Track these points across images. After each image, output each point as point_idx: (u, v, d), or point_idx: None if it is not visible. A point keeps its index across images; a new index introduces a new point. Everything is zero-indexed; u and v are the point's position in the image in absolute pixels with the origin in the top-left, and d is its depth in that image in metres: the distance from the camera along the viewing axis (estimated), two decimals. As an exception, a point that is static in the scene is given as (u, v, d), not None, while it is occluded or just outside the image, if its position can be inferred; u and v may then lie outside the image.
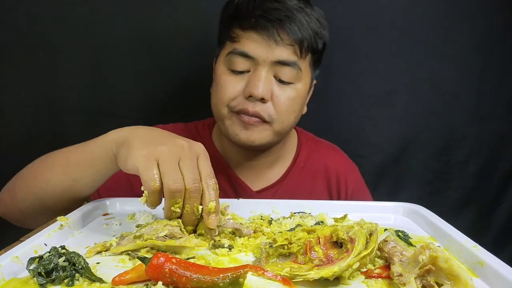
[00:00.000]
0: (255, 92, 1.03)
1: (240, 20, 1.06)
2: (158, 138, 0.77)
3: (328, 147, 1.35)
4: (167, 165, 0.72)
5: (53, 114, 1.43)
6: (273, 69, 1.06)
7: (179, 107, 1.49)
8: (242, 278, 0.54)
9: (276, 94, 1.07)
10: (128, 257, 0.66)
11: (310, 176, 1.27)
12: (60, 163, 0.91)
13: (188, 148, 0.75)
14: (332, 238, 0.63)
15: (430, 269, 0.54)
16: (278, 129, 1.11)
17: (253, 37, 1.04)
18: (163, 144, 0.74)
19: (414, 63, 1.57)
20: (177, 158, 0.73)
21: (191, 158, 0.74)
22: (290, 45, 1.05)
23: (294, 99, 1.10)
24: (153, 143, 0.74)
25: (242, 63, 1.06)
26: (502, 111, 1.64)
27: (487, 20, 1.56)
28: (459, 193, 1.68)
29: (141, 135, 0.78)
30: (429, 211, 0.89)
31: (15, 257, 0.62)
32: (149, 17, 1.43)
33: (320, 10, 1.13)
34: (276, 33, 1.03)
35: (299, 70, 1.08)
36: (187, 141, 0.77)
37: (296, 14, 1.05)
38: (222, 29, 1.14)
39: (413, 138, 1.62)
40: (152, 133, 0.80)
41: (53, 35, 1.40)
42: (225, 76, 1.09)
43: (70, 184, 0.89)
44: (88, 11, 1.40)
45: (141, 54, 1.45)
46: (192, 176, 0.72)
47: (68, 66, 1.42)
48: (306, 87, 1.14)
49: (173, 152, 0.73)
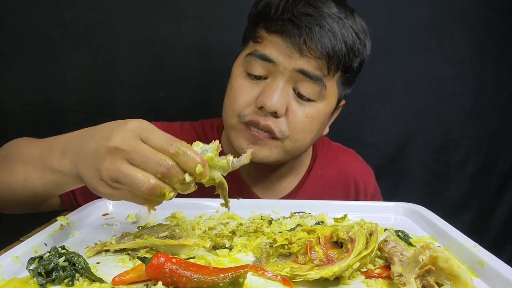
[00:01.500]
0: (268, 103, 0.92)
1: (267, 21, 0.96)
2: (96, 153, 0.64)
3: (345, 152, 1.27)
4: (122, 177, 0.61)
5: (53, 114, 1.43)
6: (293, 80, 0.95)
7: (179, 107, 1.49)
8: (242, 278, 0.55)
9: (292, 109, 0.96)
10: (128, 257, 0.66)
11: (328, 184, 1.18)
12: (19, 171, 0.82)
13: (121, 143, 0.62)
14: (332, 238, 0.63)
15: (430, 269, 0.54)
16: (289, 148, 1.00)
17: (277, 42, 0.94)
18: (102, 159, 0.63)
19: (412, 64, 1.57)
20: (123, 163, 0.62)
21: (134, 148, 0.62)
22: (317, 57, 0.93)
23: (312, 118, 0.98)
24: (96, 165, 0.64)
25: (261, 68, 0.96)
26: (500, 111, 1.65)
27: (484, 20, 1.57)
28: (458, 193, 1.68)
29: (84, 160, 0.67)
30: (429, 211, 0.89)
31: (15, 257, 0.62)
32: (149, 17, 1.43)
33: (363, 24, 1.01)
34: (303, 42, 0.92)
35: (323, 88, 0.96)
36: (115, 137, 0.63)
37: (330, 23, 0.93)
38: (248, 26, 1.04)
39: (412, 138, 1.63)
40: (89, 149, 0.67)
41: (53, 35, 1.40)
42: (241, 80, 0.99)
43: (31, 195, 0.83)
44: (88, 11, 1.40)
45: (141, 54, 1.45)
46: (152, 162, 0.61)
47: (68, 66, 1.42)
48: (329, 107, 1.01)
49: (115, 161, 0.62)
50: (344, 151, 1.28)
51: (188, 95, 1.48)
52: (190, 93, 1.48)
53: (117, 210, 0.93)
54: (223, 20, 1.45)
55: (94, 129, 0.72)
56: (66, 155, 0.73)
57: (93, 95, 1.46)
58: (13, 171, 0.83)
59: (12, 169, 0.83)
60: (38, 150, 0.82)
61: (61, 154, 0.74)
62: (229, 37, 1.42)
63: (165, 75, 1.48)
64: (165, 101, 1.49)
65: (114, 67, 1.45)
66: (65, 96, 1.44)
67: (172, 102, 1.49)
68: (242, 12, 1.10)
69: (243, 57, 1.00)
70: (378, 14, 1.50)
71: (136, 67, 1.46)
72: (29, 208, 0.94)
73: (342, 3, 0.98)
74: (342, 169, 1.21)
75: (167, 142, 0.63)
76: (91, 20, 1.41)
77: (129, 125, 0.65)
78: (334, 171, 1.20)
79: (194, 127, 1.20)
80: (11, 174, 0.83)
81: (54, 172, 0.74)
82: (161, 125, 1.17)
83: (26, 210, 0.95)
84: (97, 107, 1.46)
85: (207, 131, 1.19)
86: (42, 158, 0.78)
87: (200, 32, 1.46)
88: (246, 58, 0.98)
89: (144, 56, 1.46)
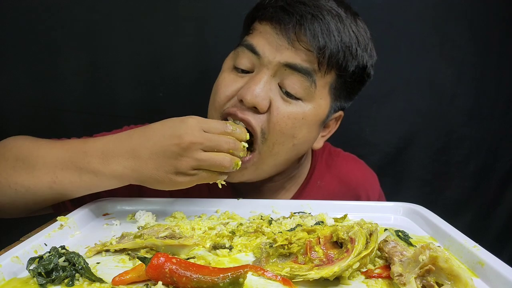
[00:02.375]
0: (248, 96, 0.86)
1: (260, 11, 0.93)
2: (168, 155, 0.77)
3: (346, 160, 1.19)
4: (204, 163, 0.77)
5: (53, 114, 1.43)
6: (280, 76, 0.89)
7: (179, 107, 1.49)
8: (242, 278, 0.55)
9: (276, 106, 0.88)
10: (128, 257, 0.66)
11: (328, 194, 1.09)
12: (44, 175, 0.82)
13: (192, 139, 0.75)
14: (332, 238, 0.63)
15: (430, 269, 0.54)
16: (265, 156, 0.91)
17: (266, 31, 0.90)
18: (177, 160, 0.76)
19: (412, 64, 1.57)
20: (199, 154, 0.76)
21: (203, 140, 0.76)
22: (307, 49, 0.86)
23: (295, 118, 0.89)
24: (172, 167, 0.77)
25: (247, 60, 0.91)
26: (501, 111, 1.65)
27: (485, 20, 1.57)
28: (458, 193, 1.68)
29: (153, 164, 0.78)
30: (429, 211, 0.89)
31: (15, 257, 0.62)
32: (149, 17, 1.43)
33: (366, 28, 0.95)
34: (293, 30, 0.86)
35: (312, 84, 0.88)
36: (182, 136, 0.76)
37: (325, 15, 0.87)
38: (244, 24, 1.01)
39: (412, 138, 1.63)
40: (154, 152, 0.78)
41: (53, 35, 1.40)
42: (226, 73, 0.95)
43: (56, 197, 0.86)
44: (87, 11, 1.40)
45: (141, 54, 1.45)
46: (221, 145, 0.78)
47: (68, 66, 1.42)
48: (319, 112, 0.92)
49: (193, 157, 0.76)
50: (345, 158, 1.20)
51: (188, 95, 1.48)
52: (190, 93, 1.48)
53: (117, 210, 0.93)
54: (222, 20, 1.45)
55: (146, 132, 0.80)
56: (110, 160, 0.79)
57: (93, 95, 1.45)
58: (35, 174, 0.83)
59: (33, 173, 0.83)
60: (64, 154, 0.84)
61: (103, 159, 0.80)
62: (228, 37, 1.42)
63: (165, 75, 1.48)
64: (165, 101, 1.49)
65: (114, 67, 1.45)
66: (64, 96, 1.44)
67: (172, 102, 1.49)
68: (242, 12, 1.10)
69: (234, 50, 0.98)
70: (378, 14, 1.50)
71: (136, 67, 1.46)
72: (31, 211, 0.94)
73: (345, 4, 0.94)
74: (342, 179, 1.14)
75: (223, 126, 0.80)
76: (90, 20, 1.41)
77: (190, 122, 0.78)
78: (334, 181, 1.13)
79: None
80: (33, 177, 0.83)
81: (97, 175, 0.80)
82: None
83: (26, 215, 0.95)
84: (97, 107, 1.46)
85: None
86: (74, 162, 0.81)
87: (200, 32, 1.45)
88: (235, 50, 0.97)
89: (144, 56, 1.46)
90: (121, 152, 0.79)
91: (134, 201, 0.95)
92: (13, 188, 0.84)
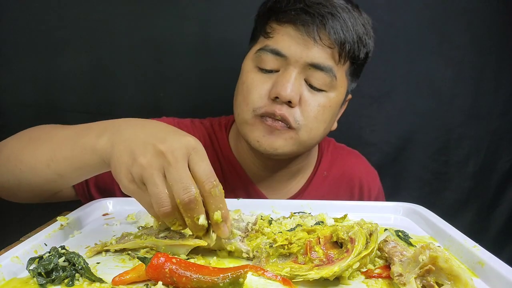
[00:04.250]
0: (282, 93, 0.94)
1: (279, 13, 0.98)
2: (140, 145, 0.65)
3: (350, 154, 1.29)
4: (150, 185, 0.62)
5: (54, 114, 1.43)
6: (304, 72, 0.97)
7: (179, 107, 1.49)
8: (242, 278, 0.55)
9: (305, 99, 0.98)
10: (128, 257, 0.66)
11: (333, 185, 1.20)
12: (45, 152, 0.80)
13: (170, 153, 0.62)
14: (332, 238, 0.63)
15: (430, 269, 0.55)
16: (305, 139, 1.01)
17: (289, 33, 0.96)
18: (143, 155, 0.63)
19: (412, 63, 1.57)
20: (159, 171, 0.62)
21: (177, 164, 0.62)
22: (329, 47, 0.96)
23: (324, 107, 1.00)
24: (133, 156, 0.63)
25: (272, 62, 0.98)
26: (500, 111, 1.64)
27: (484, 19, 1.57)
28: (458, 193, 1.68)
29: (125, 146, 0.66)
30: (429, 211, 0.89)
31: (15, 257, 0.62)
32: (150, 16, 1.43)
33: (368, 17, 1.05)
34: (316, 31, 0.94)
35: (334, 78, 0.98)
36: (168, 143, 0.63)
37: (341, 12, 0.96)
38: (257, 25, 1.06)
39: (412, 138, 1.63)
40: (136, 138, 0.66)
41: (53, 35, 1.39)
42: (252, 74, 1.01)
43: (53, 178, 0.81)
44: (88, 10, 1.40)
45: (141, 54, 1.45)
46: (181, 186, 0.61)
47: (68, 66, 1.42)
48: (340, 98, 1.04)
49: (153, 165, 0.62)
50: (349, 152, 1.29)
51: (188, 95, 1.48)
52: (190, 93, 1.48)
53: (117, 210, 0.93)
54: (223, 20, 1.45)
55: (147, 123, 0.74)
56: (105, 133, 0.72)
57: (93, 95, 1.45)
58: (38, 151, 0.81)
59: (36, 150, 0.82)
60: (70, 131, 0.81)
61: (100, 132, 0.73)
62: (229, 37, 1.43)
63: (165, 75, 1.48)
64: (165, 101, 1.49)
65: (114, 67, 1.45)
66: (65, 96, 1.44)
67: (172, 102, 1.48)
68: (243, 11, 1.11)
69: (254, 52, 1.02)
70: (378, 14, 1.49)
71: (136, 67, 1.46)
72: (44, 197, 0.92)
73: None
74: (346, 170, 1.22)
75: (208, 176, 0.63)
76: (91, 21, 1.40)
77: (186, 139, 0.64)
78: (339, 172, 1.21)
79: (203, 124, 1.21)
80: (35, 154, 0.81)
81: (86, 149, 0.73)
82: (172, 120, 1.18)
83: (40, 199, 0.93)
84: (97, 107, 1.46)
85: (216, 129, 1.19)
86: (73, 138, 0.77)
87: (201, 32, 1.45)
88: (257, 53, 1.00)
89: (144, 56, 1.45)
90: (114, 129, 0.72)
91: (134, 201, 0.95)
92: (18, 168, 0.83)
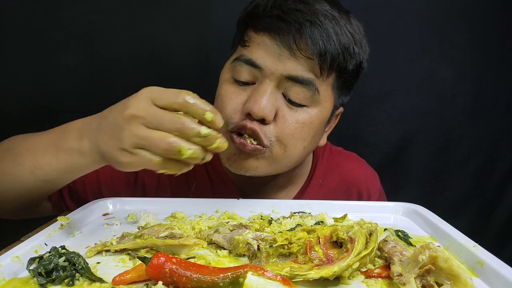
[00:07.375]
0: (255, 109, 0.85)
1: (255, 20, 0.91)
2: (114, 125, 0.68)
3: (347, 158, 1.21)
4: (144, 141, 0.65)
5: (53, 114, 1.43)
6: (282, 86, 0.88)
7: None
8: (242, 278, 0.55)
9: (282, 114, 0.89)
10: (128, 257, 0.66)
11: (330, 193, 1.11)
12: (27, 161, 0.81)
13: (137, 110, 0.65)
14: (332, 238, 0.63)
15: (430, 269, 0.55)
16: (279, 157, 0.91)
17: (265, 42, 0.88)
18: (121, 129, 0.66)
19: (412, 63, 1.57)
20: (142, 128, 0.65)
21: (149, 113, 0.65)
22: (307, 57, 0.86)
23: (303, 124, 0.90)
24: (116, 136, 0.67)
25: (247, 73, 0.90)
26: (501, 111, 1.65)
27: (485, 19, 1.57)
28: (458, 193, 1.68)
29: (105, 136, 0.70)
30: (428, 211, 0.89)
31: (15, 257, 0.62)
32: (149, 17, 1.43)
33: (358, 24, 0.94)
34: (292, 39, 0.84)
35: (316, 92, 0.88)
36: (130, 106, 0.66)
37: (322, 20, 0.86)
38: (237, 31, 0.99)
39: (412, 138, 1.63)
40: (108, 124, 0.70)
41: (53, 35, 1.40)
42: (227, 86, 0.93)
43: (39, 185, 0.83)
44: (87, 11, 1.40)
45: (140, 54, 1.45)
46: (166, 123, 0.64)
47: (68, 66, 1.42)
48: (324, 114, 0.94)
49: (133, 128, 0.65)
50: (347, 156, 1.22)
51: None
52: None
53: (117, 210, 0.93)
54: (222, 20, 1.44)
55: (111, 107, 0.74)
56: (84, 135, 0.74)
57: (92, 96, 1.45)
58: (19, 161, 0.82)
59: (17, 160, 0.82)
60: (47, 137, 0.82)
61: (79, 135, 0.75)
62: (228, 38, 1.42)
63: (164, 75, 1.48)
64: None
65: (113, 67, 1.45)
66: (63, 97, 1.44)
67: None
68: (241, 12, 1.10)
69: (230, 62, 0.94)
70: (378, 14, 1.50)
71: (135, 67, 1.46)
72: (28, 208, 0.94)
73: (337, 3, 0.93)
74: (344, 177, 1.15)
75: (175, 96, 0.66)
76: (90, 21, 1.41)
77: (141, 92, 0.68)
78: (335, 179, 1.14)
79: None
80: (17, 164, 0.82)
81: (71, 153, 0.75)
82: None
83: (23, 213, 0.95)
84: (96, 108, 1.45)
85: None
86: (54, 143, 0.78)
87: (199, 33, 1.45)
88: (232, 64, 0.93)
89: (143, 56, 1.45)
90: (90, 128, 0.74)
91: (134, 201, 0.96)
92: (1, 180, 0.84)
